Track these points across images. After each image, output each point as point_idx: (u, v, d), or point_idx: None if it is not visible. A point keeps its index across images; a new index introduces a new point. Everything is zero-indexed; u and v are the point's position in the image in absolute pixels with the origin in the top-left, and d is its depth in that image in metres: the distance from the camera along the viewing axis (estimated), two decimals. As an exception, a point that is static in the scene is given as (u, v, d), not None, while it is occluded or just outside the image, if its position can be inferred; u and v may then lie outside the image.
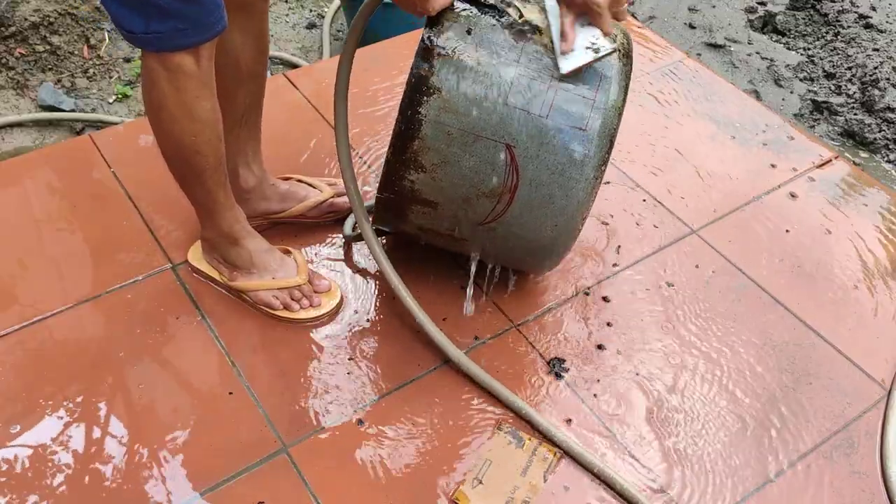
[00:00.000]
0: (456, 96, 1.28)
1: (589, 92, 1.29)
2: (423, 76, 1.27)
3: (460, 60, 1.27)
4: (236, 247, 1.49)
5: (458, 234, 1.43)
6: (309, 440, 1.37)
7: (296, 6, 2.98)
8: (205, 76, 1.23)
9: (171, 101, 1.23)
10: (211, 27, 1.19)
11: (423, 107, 1.28)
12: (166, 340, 1.49)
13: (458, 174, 1.33)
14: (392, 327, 1.54)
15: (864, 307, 1.65)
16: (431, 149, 1.31)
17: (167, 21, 1.15)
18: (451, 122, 1.29)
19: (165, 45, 1.17)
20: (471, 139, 1.30)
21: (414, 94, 1.28)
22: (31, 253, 1.62)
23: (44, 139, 2.37)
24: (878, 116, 2.62)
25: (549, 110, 1.29)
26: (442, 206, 1.38)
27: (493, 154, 1.30)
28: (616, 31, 1.36)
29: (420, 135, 1.29)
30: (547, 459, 1.36)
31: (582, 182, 1.32)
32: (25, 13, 2.50)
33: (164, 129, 1.28)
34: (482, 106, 1.28)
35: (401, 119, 1.29)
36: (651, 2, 3.13)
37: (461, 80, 1.27)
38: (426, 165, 1.32)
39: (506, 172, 1.31)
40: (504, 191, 1.33)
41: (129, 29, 1.17)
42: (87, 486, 1.29)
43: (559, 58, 1.27)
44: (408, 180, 1.34)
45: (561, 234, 1.39)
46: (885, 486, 1.38)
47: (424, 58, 1.27)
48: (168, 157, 1.34)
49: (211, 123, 1.28)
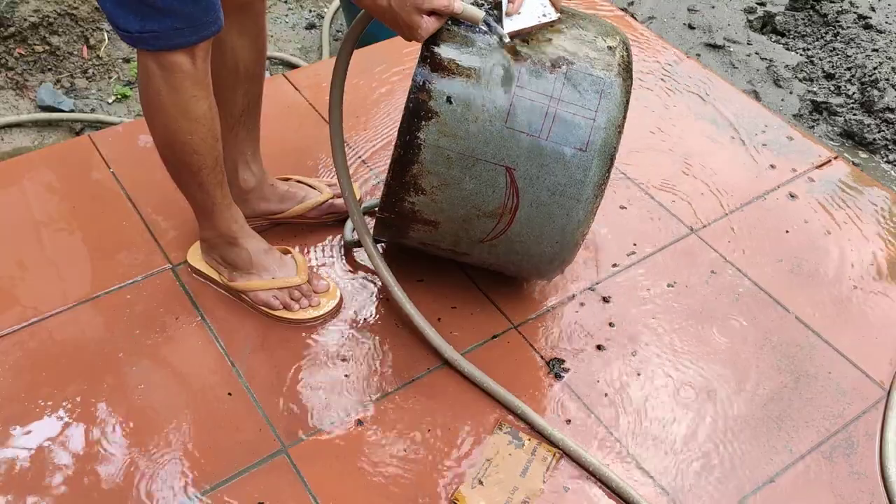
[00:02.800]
0: (454, 120, 1.27)
1: (589, 111, 1.28)
2: (420, 101, 1.26)
3: (458, 84, 1.26)
4: (235, 247, 1.49)
5: (459, 249, 1.44)
6: (308, 441, 1.37)
7: (295, 6, 2.98)
8: (200, 75, 1.23)
9: (166, 100, 1.23)
10: (207, 26, 1.19)
11: (421, 131, 1.27)
12: (166, 341, 1.49)
13: (458, 196, 1.33)
14: (391, 328, 1.54)
15: (864, 307, 1.65)
16: (431, 172, 1.30)
17: (163, 20, 1.14)
18: (450, 146, 1.28)
19: (162, 44, 1.17)
20: (470, 162, 1.29)
21: (412, 118, 1.27)
22: (30, 253, 1.62)
23: (43, 140, 2.37)
24: (877, 117, 2.62)
25: (548, 132, 1.28)
26: (443, 225, 1.38)
27: (493, 176, 1.30)
28: (616, 42, 1.35)
29: (419, 159, 1.29)
30: (546, 460, 1.36)
31: (582, 202, 1.32)
32: (25, 13, 2.50)
33: (161, 128, 1.28)
34: (481, 129, 1.27)
35: (399, 144, 1.28)
36: (650, 2, 3.13)
37: (459, 104, 1.27)
38: (426, 188, 1.32)
39: (506, 194, 1.31)
40: (504, 211, 1.33)
41: (124, 28, 1.17)
42: (86, 487, 1.29)
43: (504, 20, 1.27)
44: (408, 202, 1.34)
45: (562, 251, 1.39)
46: (885, 486, 1.38)
47: (422, 82, 1.26)
48: (165, 156, 1.34)
49: (207, 123, 1.28)
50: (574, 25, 1.35)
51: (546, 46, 1.29)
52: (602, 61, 1.31)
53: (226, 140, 1.46)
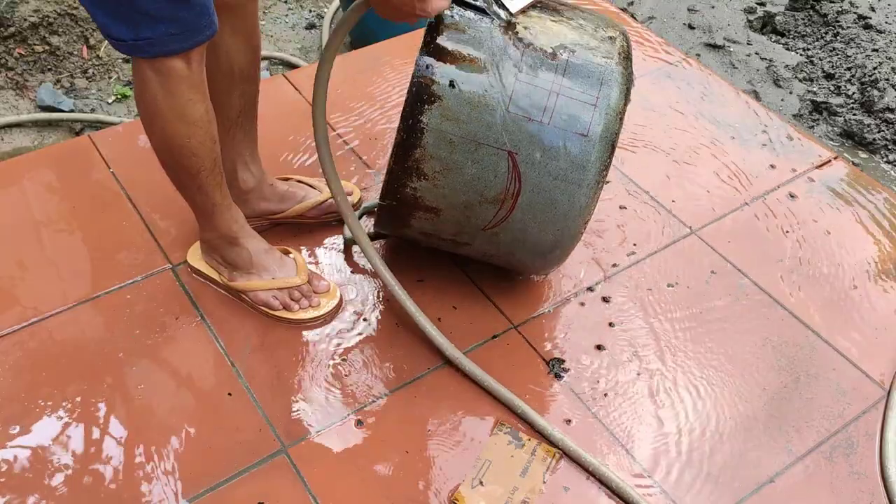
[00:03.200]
0: (457, 104, 1.28)
1: (590, 97, 1.29)
2: (424, 84, 1.27)
3: (461, 68, 1.27)
4: (236, 247, 1.49)
5: (460, 239, 1.44)
6: (308, 440, 1.37)
7: (295, 6, 2.98)
8: (196, 78, 1.23)
9: (163, 104, 1.23)
10: (202, 31, 1.18)
11: (424, 115, 1.28)
12: (165, 341, 1.49)
13: (460, 181, 1.33)
14: (391, 328, 1.54)
15: (864, 307, 1.65)
16: (433, 157, 1.31)
17: (157, 26, 1.14)
18: (452, 130, 1.29)
19: (157, 50, 1.16)
20: (472, 147, 1.30)
21: (415, 102, 1.27)
22: (30, 253, 1.62)
23: (43, 140, 2.37)
24: (877, 117, 2.62)
25: (550, 117, 1.29)
26: (444, 213, 1.38)
27: (495, 161, 1.31)
28: (615, 32, 1.36)
29: (422, 143, 1.29)
30: (546, 460, 1.36)
31: (584, 187, 1.32)
32: (25, 13, 2.50)
33: (158, 132, 1.28)
34: (483, 113, 1.28)
35: (402, 127, 1.29)
36: (650, 2, 3.13)
37: (462, 88, 1.27)
38: (428, 173, 1.32)
39: (508, 179, 1.32)
40: (507, 197, 1.33)
41: (117, 37, 1.16)
42: (86, 487, 1.29)
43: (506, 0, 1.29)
44: (410, 188, 1.34)
45: (564, 238, 1.39)
46: (885, 486, 1.38)
47: (425, 66, 1.27)
48: (163, 160, 1.34)
49: (204, 125, 1.28)
50: (575, 16, 1.37)
51: (548, 35, 1.31)
52: (602, 50, 1.32)
53: (224, 142, 1.46)
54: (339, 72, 2.08)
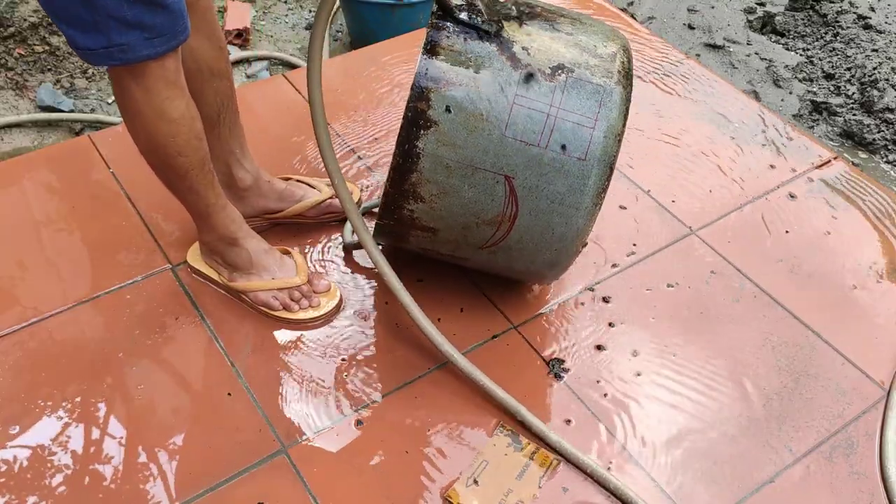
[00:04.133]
0: (453, 129, 1.27)
1: (588, 119, 1.28)
2: (419, 110, 1.26)
3: (457, 93, 1.26)
4: (235, 248, 1.49)
5: (458, 254, 1.44)
6: (308, 441, 1.37)
7: (295, 7, 2.98)
8: (172, 76, 1.22)
9: (143, 105, 1.23)
10: (176, 35, 1.18)
11: (420, 140, 1.27)
12: (165, 341, 1.49)
13: (457, 204, 1.33)
14: (391, 328, 1.54)
15: (864, 307, 1.65)
16: (430, 181, 1.30)
17: (129, 32, 1.13)
18: (448, 154, 1.28)
19: (130, 57, 1.15)
20: (469, 171, 1.29)
21: (411, 127, 1.27)
22: (30, 253, 1.62)
23: (43, 140, 2.37)
24: (877, 117, 2.62)
25: (547, 140, 1.28)
26: (442, 233, 1.38)
27: (492, 185, 1.30)
28: (616, 47, 1.34)
29: (418, 168, 1.29)
30: (545, 463, 1.36)
31: (581, 210, 1.32)
32: (25, 13, 2.50)
33: (142, 133, 1.28)
34: (480, 138, 1.27)
35: (398, 152, 1.28)
36: (650, 2, 3.13)
37: (458, 113, 1.26)
38: (425, 196, 1.32)
39: (505, 202, 1.31)
40: (504, 219, 1.33)
41: (84, 47, 1.14)
42: (86, 487, 1.29)
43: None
44: (407, 209, 1.34)
45: (560, 258, 1.40)
46: (885, 486, 1.38)
47: (421, 92, 1.26)
48: (151, 162, 1.33)
49: (187, 122, 1.27)
50: (574, 31, 1.35)
51: (546, 54, 1.29)
52: (602, 68, 1.30)
53: (212, 143, 1.46)
54: (339, 72, 2.09)
